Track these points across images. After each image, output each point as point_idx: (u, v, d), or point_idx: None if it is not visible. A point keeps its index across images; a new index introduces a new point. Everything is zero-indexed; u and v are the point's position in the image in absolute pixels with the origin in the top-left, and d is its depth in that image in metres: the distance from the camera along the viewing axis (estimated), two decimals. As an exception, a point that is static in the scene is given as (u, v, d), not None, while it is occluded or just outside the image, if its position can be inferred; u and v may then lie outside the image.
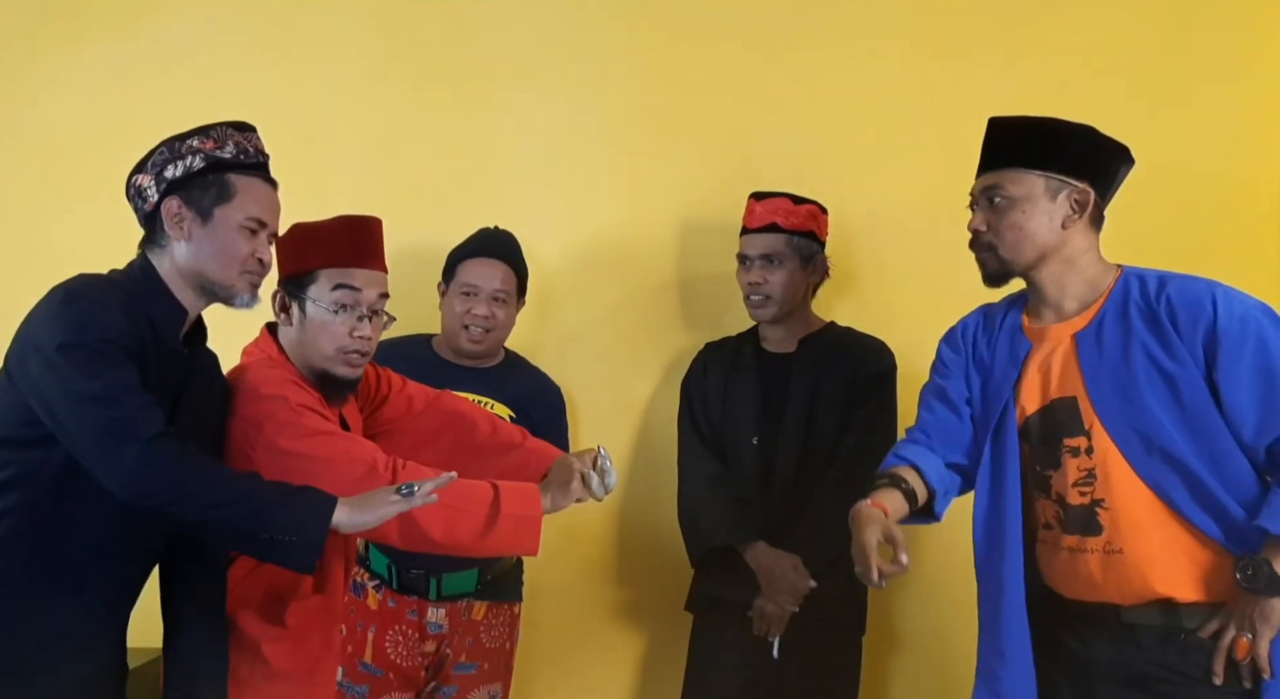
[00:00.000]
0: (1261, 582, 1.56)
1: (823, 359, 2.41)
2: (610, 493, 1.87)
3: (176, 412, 1.64)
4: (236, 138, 1.70)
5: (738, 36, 2.75)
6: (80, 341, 1.51)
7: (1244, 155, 2.60)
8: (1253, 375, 1.61)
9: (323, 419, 1.74)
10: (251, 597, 1.77)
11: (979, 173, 1.83)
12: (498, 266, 2.40)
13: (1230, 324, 1.63)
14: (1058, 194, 1.75)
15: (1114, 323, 1.72)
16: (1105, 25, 2.64)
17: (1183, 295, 1.68)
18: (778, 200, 2.43)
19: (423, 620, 2.34)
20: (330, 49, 2.84)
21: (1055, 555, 1.77)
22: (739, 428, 2.44)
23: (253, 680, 1.75)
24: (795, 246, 2.41)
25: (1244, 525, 1.61)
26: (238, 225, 1.66)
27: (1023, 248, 1.76)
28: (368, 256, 1.85)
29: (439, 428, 2.02)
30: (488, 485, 1.73)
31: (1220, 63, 2.62)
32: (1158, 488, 1.66)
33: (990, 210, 1.78)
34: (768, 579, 2.30)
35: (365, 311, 1.82)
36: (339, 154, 2.80)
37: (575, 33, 2.79)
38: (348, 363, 1.82)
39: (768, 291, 2.41)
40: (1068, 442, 1.74)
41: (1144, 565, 1.66)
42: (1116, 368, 1.69)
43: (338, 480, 1.63)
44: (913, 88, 2.67)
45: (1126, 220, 1.89)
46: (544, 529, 2.65)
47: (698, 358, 2.58)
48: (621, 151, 2.77)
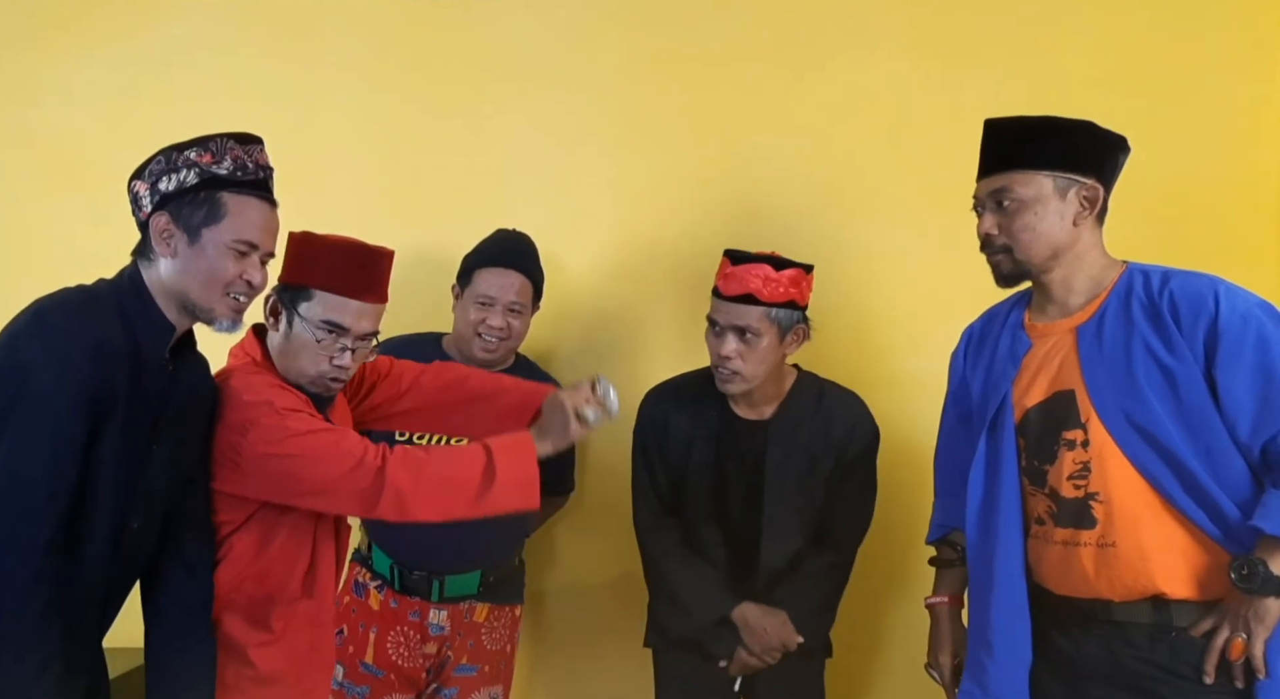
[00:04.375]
0: (1257, 582, 1.55)
1: (801, 427, 2.24)
2: (616, 416, 1.85)
3: (158, 425, 1.63)
4: (236, 152, 1.65)
5: (743, 37, 2.73)
6: (36, 388, 1.48)
7: (1245, 155, 2.57)
8: (1251, 372, 1.60)
9: (309, 417, 1.74)
10: (237, 601, 1.77)
11: (981, 175, 1.80)
12: (514, 277, 2.37)
13: (1232, 320, 1.62)
14: (1067, 192, 1.74)
15: (1115, 317, 1.72)
16: (1106, 25, 2.62)
17: (1185, 290, 1.67)
18: (756, 266, 2.13)
19: (424, 622, 2.33)
20: (333, 50, 2.83)
21: (1047, 550, 1.76)
22: (710, 499, 2.26)
23: (239, 684, 1.76)
24: (773, 319, 2.14)
25: (1238, 524, 1.60)
26: (225, 247, 1.63)
27: (1037, 248, 1.75)
28: (367, 288, 1.83)
29: (434, 390, 2.04)
30: (480, 451, 1.73)
31: (1221, 62, 2.59)
32: (1153, 481, 1.65)
33: (1000, 213, 1.77)
34: (754, 635, 2.19)
35: (350, 344, 1.82)
36: (341, 155, 2.80)
37: (580, 33, 2.78)
38: (324, 387, 1.83)
39: (737, 368, 2.15)
40: (1065, 435, 1.73)
41: (1137, 559, 1.65)
42: (1115, 361, 1.69)
43: (326, 476, 1.67)
44: (914, 89, 2.65)
45: (1127, 220, 1.89)
46: (544, 532, 2.69)
47: (651, 407, 2.33)
48: (629, 153, 2.76)
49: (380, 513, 1.70)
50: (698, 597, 2.23)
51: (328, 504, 1.76)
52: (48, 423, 1.48)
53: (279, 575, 1.79)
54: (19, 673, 1.47)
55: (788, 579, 2.24)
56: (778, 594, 2.23)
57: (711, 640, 2.23)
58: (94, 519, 1.55)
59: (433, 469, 1.70)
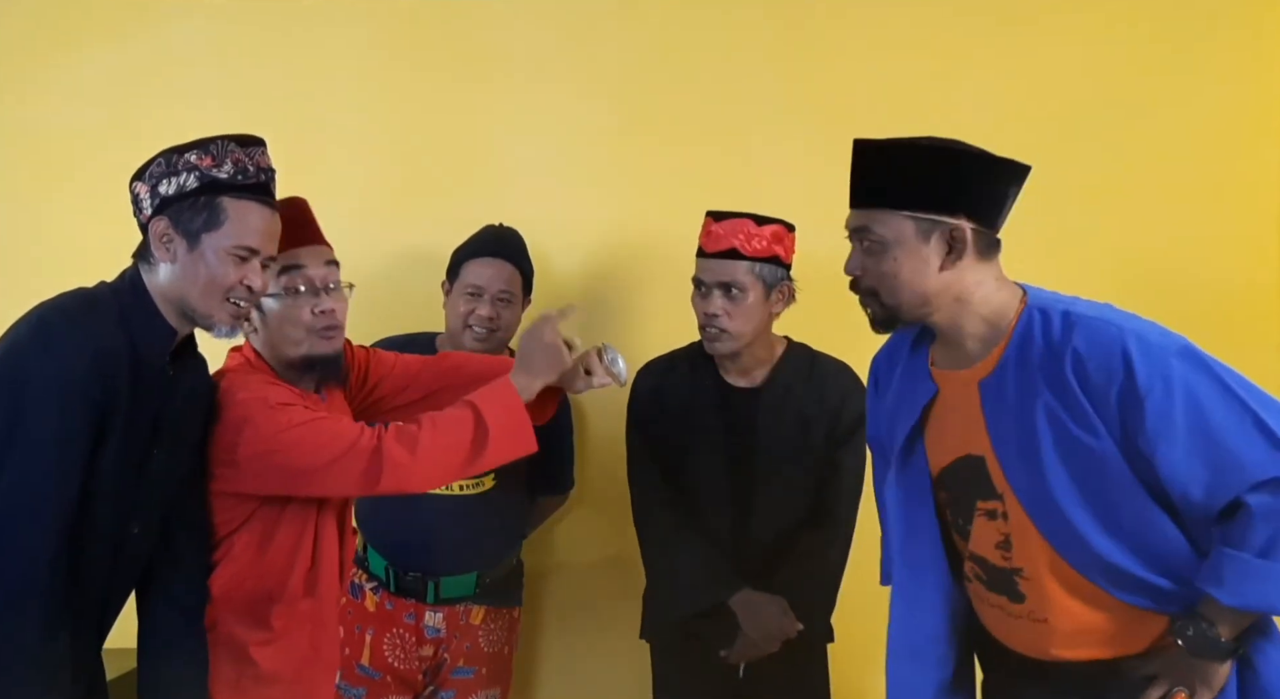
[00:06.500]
0: (1203, 645, 1.46)
1: (793, 393, 2.24)
2: (625, 382, 1.88)
3: (159, 428, 1.63)
4: (237, 155, 1.62)
5: (745, 31, 2.73)
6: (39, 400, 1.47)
7: (1244, 155, 2.57)
8: (1191, 439, 1.42)
9: (303, 410, 1.74)
10: (236, 600, 1.77)
11: (850, 203, 1.62)
12: (503, 267, 2.38)
13: (1152, 384, 1.42)
14: (930, 235, 1.53)
15: (1017, 373, 1.53)
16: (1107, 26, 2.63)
17: (1091, 348, 1.46)
18: (738, 221, 2.18)
19: (420, 624, 2.33)
20: (332, 47, 2.82)
21: (983, 608, 1.67)
22: (705, 469, 2.26)
23: (241, 682, 1.76)
24: (758, 274, 2.17)
25: (1176, 593, 1.48)
26: (225, 253, 1.61)
27: (904, 295, 1.56)
28: (301, 237, 1.81)
29: (436, 377, 2.04)
30: (467, 409, 1.74)
31: (1221, 62, 2.60)
32: (1076, 565, 1.52)
33: (864, 253, 1.58)
34: (753, 622, 2.17)
35: (319, 286, 1.81)
36: (341, 152, 2.79)
37: (580, 27, 2.77)
38: (323, 337, 1.82)
39: (725, 325, 2.17)
40: (981, 505, 1.60)
41: (1071, 636, 1.56)
42: (1022, 431, 1.51)
43: (323, 461, 1.69)
44: (914, 87, 2.65)
45: (1127, 221, 1.88)
46: (543, 532, 2.69)
47: (644, 381, 2.33)
48: (628, 147, 2.76)
49: (383, 489, 1.70)
50: (697, 579, 2.21)
51: (329, 489, 1.76)
52: (52, 438, 1.48)
53: (280, 574, 1.79)
54: (25, 687, 1.47)
55: (786, 561, 2.22)
56: (777, 578, 2.21)
57: (711, 629, 2.22)
58: (95, 525, 1.55)
59: (427, 439, 1.70)
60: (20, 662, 1.46)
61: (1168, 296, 2.50)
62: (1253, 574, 1.41)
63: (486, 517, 2.35)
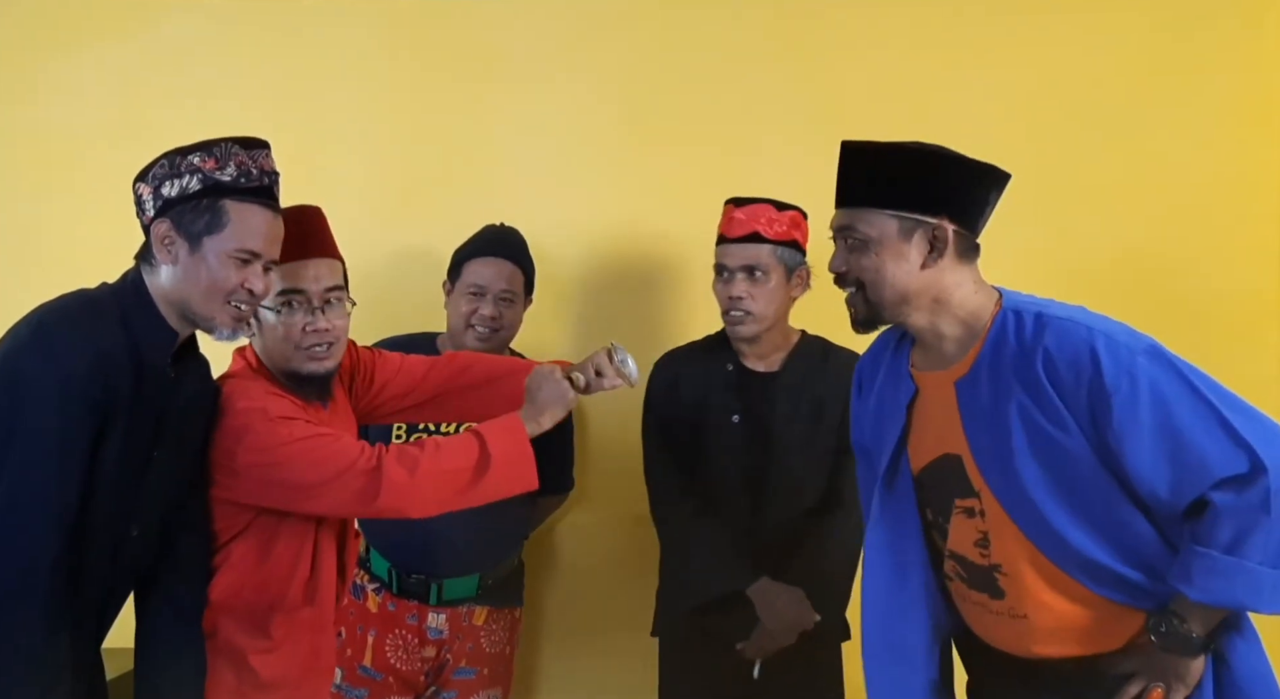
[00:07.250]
0: (1176, 642, 1.49)
1: (810, 379, 2.28)
2: (636, 381, 1.89)
3: (160, 431, 1.62)
4: (241, 157, 1.62)
5: (747, 30, 2.73)
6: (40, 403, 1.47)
7: (1244, 155, 2.57)
8: (1155, 436, 1.45)
9: (304, 423, 1.74)
10: (237, 608, 1.77)
11: (836, 203, 1.67)
12: (504, 266, 2.38)
13: (1119, 382, 1.46)
14: (912, 234, 1.58)
15: (991, 373, 1.56)
16: (1107, 26, 2.63)
17: (1061, 348, 1.50)
18: (759, 207, 2.24)
19: (422, 625, 2.33)
20: (333, 46, 2.82)
21: (965, 606, 1.69)
22: (722, 452, 2.28)
23: (241, 689, 1.76)
24: (779, 257, 2.24)
25: (1150, 587, 1.51)
26: (226, 256, 1.60)
27: (885, 293, 1.60)
28: (309, 248, 1.79)
29: (443, 380, 2.04)
30: (472, 439, 1.74)
31: (1221, 62, 2.60)
32: (1054, 560, 1.55)
33: (848, 251, 1.63)
34: (771, 613, 2.18)
35: (317, 304, 1.79)
36: (342, 151, 2.79)
37: (580, 27, 2.78)
38: (310, 357, 1.80)
39: (749, 308, 2.22)
40: (959, 503, 1.62)
41: (1051, 632, 1.58)
42: (997, 429, 1.55)
43: (320, 479, 1.68)
44: (916, 86, 2.65)
45: (1127, 220, 1.88)
46: (544, 532, 2.68)
47: (662, 369, 2.38)
48: (629, 146, 2.76)
49: (379, 511, 1.71)
50: (715, 565, 2.22)
51: (326, 506, 1.76)
52: (53, 440, 1.48)
53: (280, 583, 1.79)
54: (25, 687, 1.47)
55: (802, 550, 2.23)
56: (793, 569, 2.21)
57: (726, 623, 2.21)
58: (95, 527, 1.54)
59: (427, 463, 1.70)
60: (20, 661, 1.46)
61: (1167, 296, 2.50)
62: (1220, 571, 1.44)
63: (489, 519, 2.32)
